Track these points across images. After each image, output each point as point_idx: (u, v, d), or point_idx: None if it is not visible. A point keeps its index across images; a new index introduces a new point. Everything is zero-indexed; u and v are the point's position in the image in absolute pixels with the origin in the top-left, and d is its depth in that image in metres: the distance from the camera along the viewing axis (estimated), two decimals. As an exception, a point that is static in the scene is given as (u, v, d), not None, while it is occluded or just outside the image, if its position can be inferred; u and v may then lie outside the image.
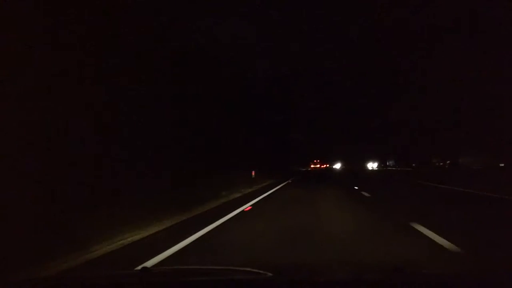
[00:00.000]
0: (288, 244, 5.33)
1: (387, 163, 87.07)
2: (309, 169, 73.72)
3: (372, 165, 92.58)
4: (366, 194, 13.71)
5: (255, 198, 12.41)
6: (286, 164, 43.53)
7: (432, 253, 4.72)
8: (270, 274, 1.96)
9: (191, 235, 5.88)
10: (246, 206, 10.06)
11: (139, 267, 3.18)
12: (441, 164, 59.30)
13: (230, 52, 23.15)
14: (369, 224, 7.05)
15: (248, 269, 2.07)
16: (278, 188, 17.85)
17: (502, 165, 38.01)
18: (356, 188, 17.03)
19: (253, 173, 20.30)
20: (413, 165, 63.03)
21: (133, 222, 6.55)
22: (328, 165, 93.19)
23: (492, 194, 12.12)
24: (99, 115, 8.87)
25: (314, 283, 1.77)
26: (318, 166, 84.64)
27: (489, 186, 14.43)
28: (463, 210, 9.01)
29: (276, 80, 39.81)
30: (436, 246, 4.99)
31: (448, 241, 5.16)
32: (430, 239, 5.49)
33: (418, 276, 2.02)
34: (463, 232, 6.10)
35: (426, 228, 6.14)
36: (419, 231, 6.03)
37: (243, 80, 26.30)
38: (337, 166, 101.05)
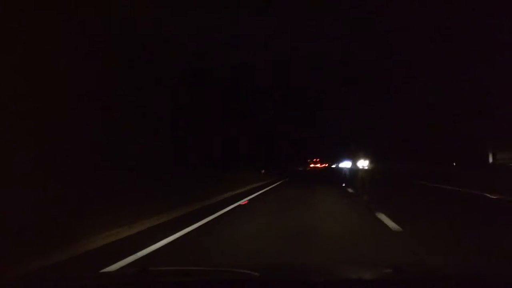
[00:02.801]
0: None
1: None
2: (308, 168, 70.73)
3: None
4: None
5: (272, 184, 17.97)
6: (283, 164, 41.89)
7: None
8: (272, 275, 1.98)
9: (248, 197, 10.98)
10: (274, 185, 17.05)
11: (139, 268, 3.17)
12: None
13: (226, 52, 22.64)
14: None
15: (244, 270, 2.04)
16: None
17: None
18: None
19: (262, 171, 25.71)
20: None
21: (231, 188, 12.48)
22: (327, 164, 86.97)
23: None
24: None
25: (314, 284, 1.76)
26: (318, 165, 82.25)
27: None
28: None
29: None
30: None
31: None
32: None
33: (418, 276, 2.01)
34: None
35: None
36: None
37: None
38: (345, 164, 70.31)
